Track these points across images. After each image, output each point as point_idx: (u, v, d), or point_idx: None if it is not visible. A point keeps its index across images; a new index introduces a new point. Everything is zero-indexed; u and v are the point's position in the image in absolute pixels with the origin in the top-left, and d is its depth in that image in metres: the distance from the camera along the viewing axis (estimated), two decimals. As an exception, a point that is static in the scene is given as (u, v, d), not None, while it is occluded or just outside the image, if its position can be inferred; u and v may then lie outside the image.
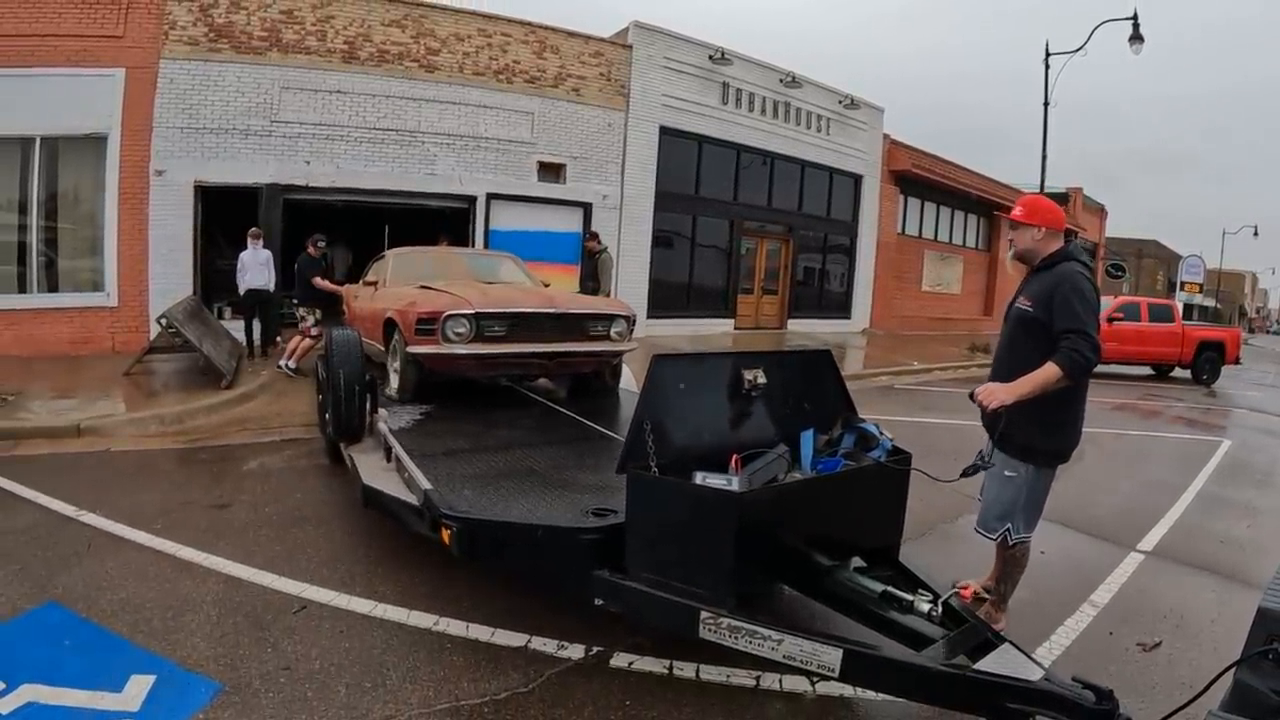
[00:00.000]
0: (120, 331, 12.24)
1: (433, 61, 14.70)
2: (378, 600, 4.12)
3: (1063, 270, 3.66)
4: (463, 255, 10.27)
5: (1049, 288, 3.63)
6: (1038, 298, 3.68)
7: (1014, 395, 3.49)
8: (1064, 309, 3.52)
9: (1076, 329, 3.45)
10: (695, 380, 3.65)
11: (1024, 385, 3.49)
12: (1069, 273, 3.63)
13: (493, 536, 3.55)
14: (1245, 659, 1.97)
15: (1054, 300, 3.56)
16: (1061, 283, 3.59)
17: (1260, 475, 8.96)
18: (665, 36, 18.17)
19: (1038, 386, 3.47)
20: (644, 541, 3.19)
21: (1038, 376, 3.47)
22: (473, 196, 15.36)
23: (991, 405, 3.54)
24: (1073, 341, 3.43)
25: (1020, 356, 3.68)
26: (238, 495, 5.89)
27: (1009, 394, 3.49)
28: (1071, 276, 3.61)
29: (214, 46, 12.73)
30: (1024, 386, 3.49)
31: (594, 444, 5.37)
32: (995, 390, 3.54)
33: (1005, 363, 3.81)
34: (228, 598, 4.12)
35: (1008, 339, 3.89)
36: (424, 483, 3.93)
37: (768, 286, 21.78)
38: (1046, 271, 3.73)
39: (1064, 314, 3.51)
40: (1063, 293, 3.55)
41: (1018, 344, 3.77)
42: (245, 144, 13.11)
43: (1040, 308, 3.64)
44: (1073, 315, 3.49)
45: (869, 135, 23.44)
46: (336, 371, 5.39)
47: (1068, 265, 3.68)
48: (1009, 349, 3.84)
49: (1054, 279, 3.64)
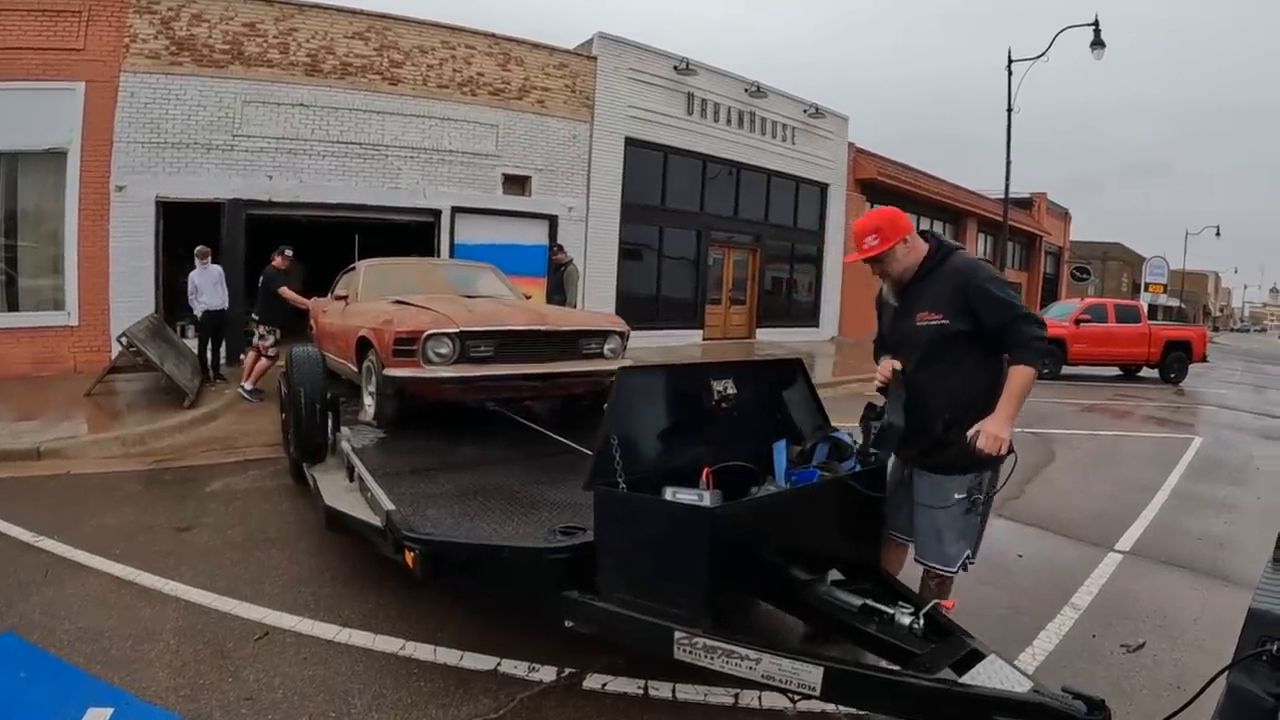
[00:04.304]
0: (82, 351, 11.95)
1: (396, 74, 14.57)
2: (342, 624, 3.99)
3: (955, 264, 3.32)
4: (440, 266, 9.81)
5: (953, 291, 3.24)
6: (943, 306, 3.25)
7: (1010, 423, 3.11)
8: (989, 302, 3.16)
9: (1014, 316, 3.13)
10: (663, 392, 3.52)
11: (1010, 406, 3.12)
12: (965, 264, 3.31)
13: (457, 558, 3.42)
14: (1238, 662, 1.89)
15: (969, 298, 3.19)
16: (967, 277, 3.23)
17: (1233, 471, 9.05)
18: (630, 48, 18.17)
19: (1022, 398, 3.14)
20: (614, 560, 3.06)
21: (1016, 389, 3.12)
22: (437, 210, 15.21)
23: (1004, 449, 3.11)
24: (1022, 332, 3.11)
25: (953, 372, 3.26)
26: (201, 518, 5.72)
27: (1007, 427, 3.10)
28: (970, 267, 3.30)
29: (175, 60, 12.52)
30: (1011, 408, 3.12)
31: (565, 459, 5.19)
32: (994, 432, 3.08)
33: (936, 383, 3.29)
34: (189, 625, 3.98)
35: (920, 361, 3.34)
36: (386, 503, 3.80)
37: (736, 297, 21.77)
38: (933, 275, 3.34)
39: (992, 307, 3.15)
40: (975, 285, 3.20)
41: (942, 362, 3.28)
42: (207, 159, 12.89)
43: (954, 315, 3.22)
44: (1002, 304, 3.15)
45: (834, 144, 23.57)
46: (297, 390, 5.21)
47: (956, 257, 3.36)
48: (933, 370, 3.30)
49: (952, 276, 3.27)
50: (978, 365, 3.27)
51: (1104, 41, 19.06)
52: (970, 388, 3.24)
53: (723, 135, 20.09)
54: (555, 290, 12.98)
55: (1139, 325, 18.63)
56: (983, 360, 3.27)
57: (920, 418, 3.31)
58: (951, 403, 3.25)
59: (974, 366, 3.26)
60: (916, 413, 3.32)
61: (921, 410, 3.32)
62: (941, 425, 3.26)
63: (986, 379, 3.24)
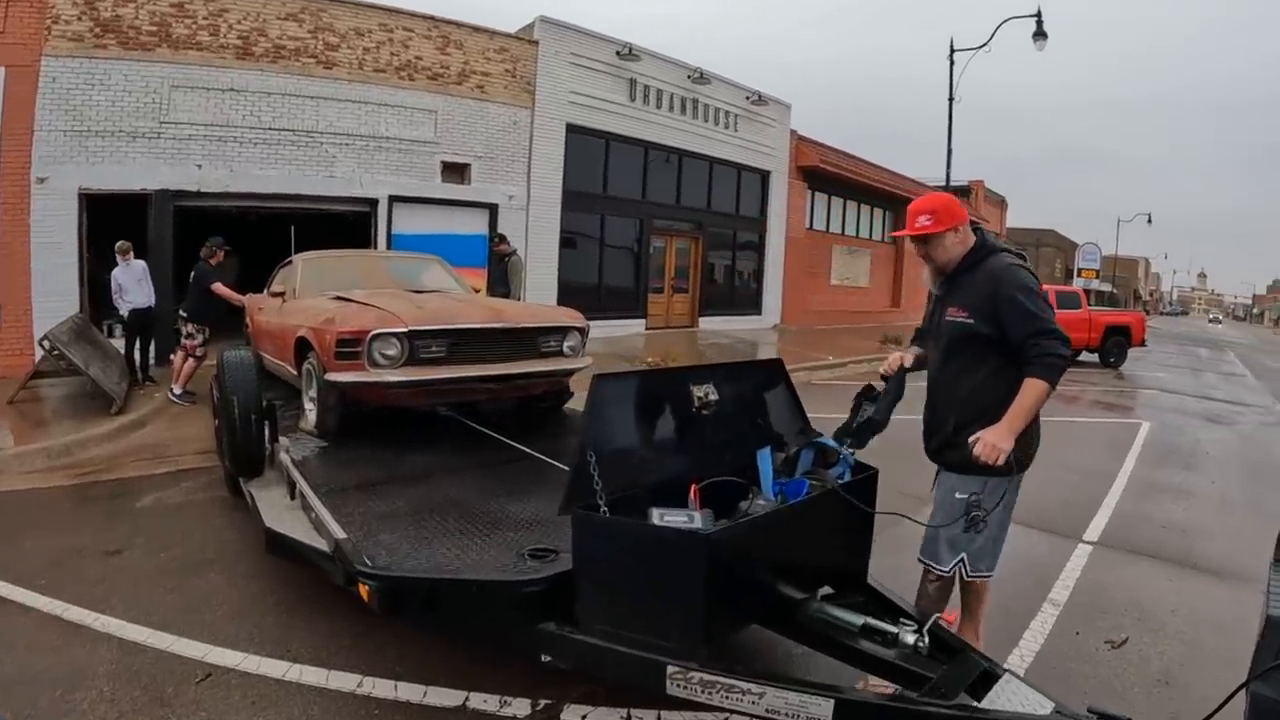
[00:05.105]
0: (3, 355, 11.22)
1: (331, 58, 14.01)
2: (292, 660, 3.65)
3: (993, 268, 3.18)
4: (384, 259, 9.32)
5: (983, 292, 3.14)
6: (973, 307, 3.16)
7: (1014, 435, 2.98)
8: (1016, 313, 3.04)
9: (1039, 331, 2.99)
10: (641, 401, 3.23)
11: (1017, 419, 2.98)
12: (1001, 271, 3.15)
13: (419, 593, 3.11)
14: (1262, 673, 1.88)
15: (998, 306, 3.08)
16: (999, 287, 3.10)
17: (1185, 456, 9.30)
18: (572, 32, 17.84)
19: (1031, 412, 3.02)
20: (596, 590, 2.78)
21: (1026, 403, 2.99)
22: (374, 199, 14.71)
23: (1002, 459, 2.96)
24: (1042, 347, 2.97)
25: (970, 373, 3.21)
26: (133, 538, 5.28)
27: (1008, 438, 2.97)
28: (1006, 272, 3.13)
29: (100, 43, 11.80)
30: (1017, 421, 2.98)
31: (522, 467, 4.85)
32: (993, 441, 2.96)
33: (952, 383, 3.29)
34: (124, 667, 3.59)
35: (943, 356, 3.36)
36: (335, 529, 3.46)
37: (678, 285, 21.64)
38: (971, 273, 3.24)
39: (1018, 319, 3.03)
40: (1006, 294, 3.07)
41: (961, 360, 3.26)
42: (133, 148, 12.21)
43: (981, 319, 3.13)
44: (1028, 317, 3.01)
45: (777, 131, 23.57)
46: (230, 398, 4.81)
47: (995, 260, 3.21)
48: (952, 368, 3.30)
49: (986, 280, 3.16)
50: (995, 371, 3.15)
51: (1046, 33, 19.37)
52: (984, 393, 3.15)
53: (665, 122, 19.90)
54: (498, 282, 12.67)
55: (1079, 311, 19.10)
56: (1001, 367, 3.13)
57: (935, 415, 3.39)
58: (964, 405, 3.23)
59: (992, 372, 3.16)
60: (932, 409, 3.42)
61: (936, 407, 3.40)
62: (952, 426, 3.26)
63: (1003, 387, 3.08)
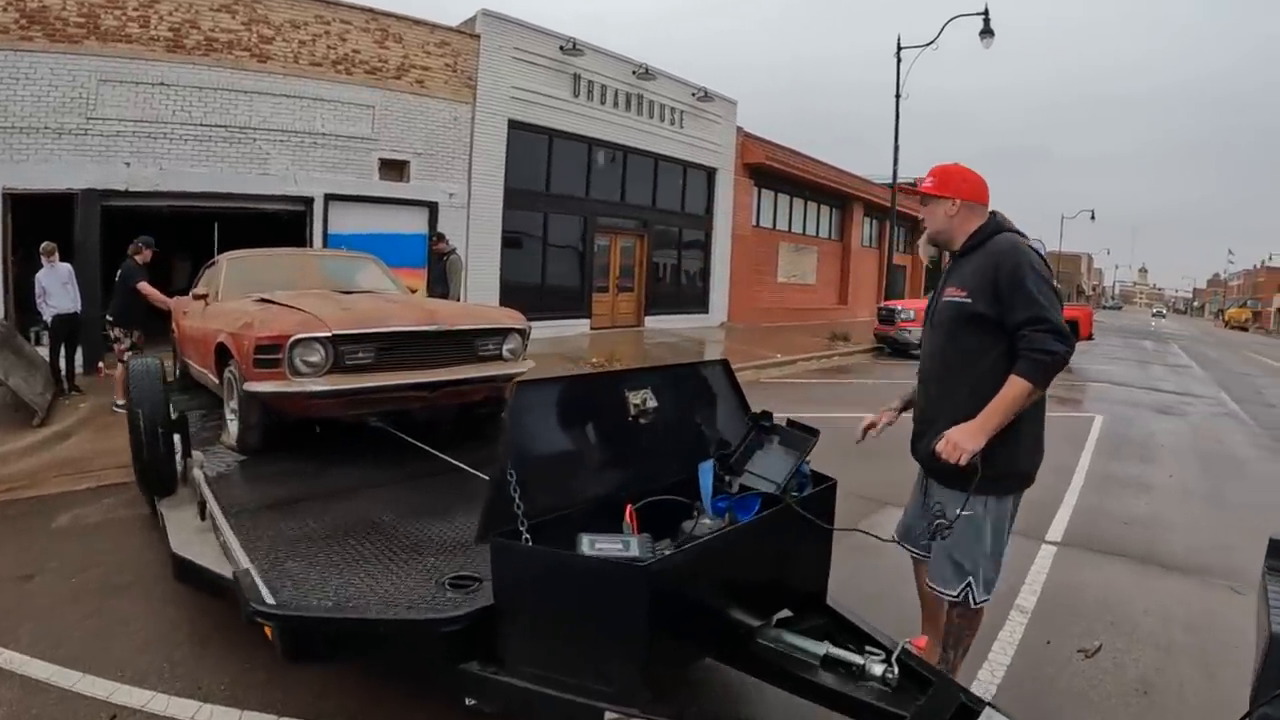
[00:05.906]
0: (-76, 366, 10.63)
1: (266, 51, 13.49)
2: (203, 699, 3.29)
3: (998, 245, 2.91)
4: (314, 258, 8.89)
5: (985, 270, 2.86)
6: (973, 285, 2.89)
7: (984, 435, 2.72)
8: (1015, 293, 2.76)
9: (1032, 319, 2.70)
10: (570, 409, 2.92)
11: (991, 418, 2.72)
12: (1006, 246, 2.88)
13: (324, 634, 2.79)
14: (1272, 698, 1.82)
15: (998, 284, 2.80)
16: (1001, 260, 2.83)
17: (1140, 448, 9.34)
18: (515, 26, 17.49)
19: (1008, 412, 2.73)
20: (521, 629, 2.48)
21: (1004, 401, 2.72)
22: (310, 198, 14.21)
23: (964, 460, 2.70)
24: (1031, 339, 2.69)
25: (967, 359, 2.92)
26: (47, 561, 4.87)
27: (977, 438, 2.72)
28: (1011, 250, 2.86)
29: (25, 34, 11.19)
30: (991, 420, 2.72)
31: (450, 479, 4.56)
32: (958, 440, 2.72)
33: (948, 370, 3.02)
34: (25, 710, 3.22)
35: (943, 340, 3.05)
36: (239, 558, 3.16)
37: (623, 284, 21.38)
38: (975, 252, 2.97)
39: (1016, 300, 2.75)
40: (1006, 271, 2.79)
41: (957, 348, 2.97)
42: (59, 145, 11.62)
43: (980, 298, 2.85)
44: (1027, 301, 2.73)
45: (723, 128, 23.41)
46: (135, 411, 4.46)
47: (1001, 237, 2.94)
48: (949, 357, 3.02)
49: (988, 258, 2.88)
50: (991, 372, 2.82)
51: (993, 30, 19.72)
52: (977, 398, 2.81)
53: (610, 118, 19.65)
54: (437, 281, 12.37)
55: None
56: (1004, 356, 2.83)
57: (926, 415, 3.11)
58: (954, 412, 2.87)
59: (987, 372, 2.84)
60: (924, 408, 3.14)
61: (928, 406, 3.12)
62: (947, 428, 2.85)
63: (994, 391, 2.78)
